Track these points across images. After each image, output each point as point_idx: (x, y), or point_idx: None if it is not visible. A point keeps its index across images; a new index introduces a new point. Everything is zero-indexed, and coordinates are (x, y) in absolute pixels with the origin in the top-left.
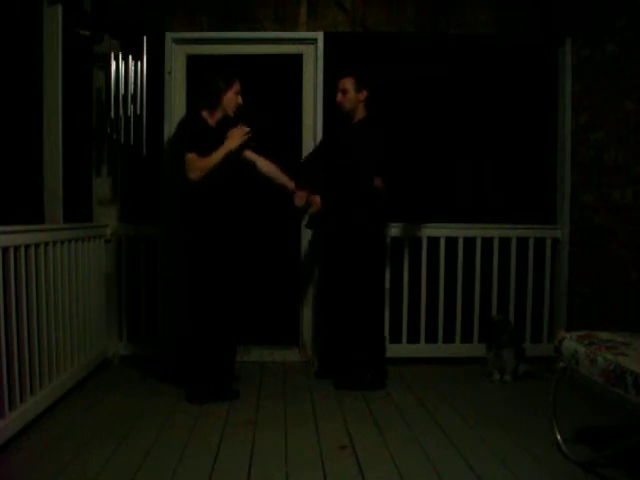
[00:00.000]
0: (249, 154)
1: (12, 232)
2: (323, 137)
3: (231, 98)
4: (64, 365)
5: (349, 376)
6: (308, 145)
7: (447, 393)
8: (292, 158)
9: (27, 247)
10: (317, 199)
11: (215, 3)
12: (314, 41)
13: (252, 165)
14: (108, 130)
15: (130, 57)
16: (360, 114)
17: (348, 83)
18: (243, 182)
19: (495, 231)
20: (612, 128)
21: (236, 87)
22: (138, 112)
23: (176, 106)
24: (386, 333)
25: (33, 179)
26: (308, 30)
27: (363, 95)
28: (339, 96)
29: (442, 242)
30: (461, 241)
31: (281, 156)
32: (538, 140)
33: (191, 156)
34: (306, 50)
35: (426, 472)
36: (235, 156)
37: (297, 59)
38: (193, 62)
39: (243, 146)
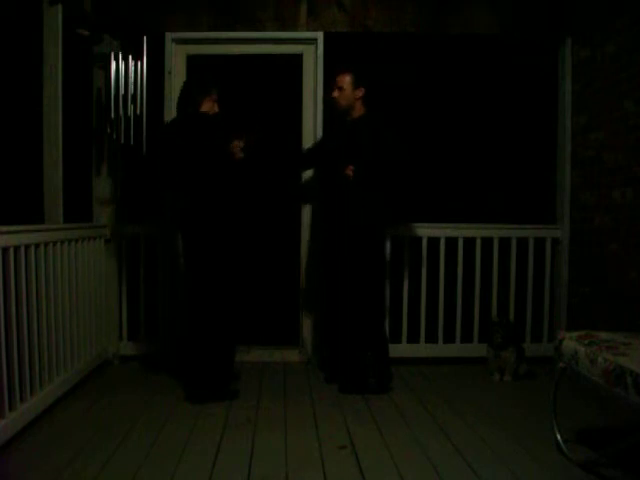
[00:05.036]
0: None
1: (12, 232)
2: (322, 134)
3: (209, 107)
4: (64, 365)
5: (353, 380)
6: (308, 144)
7: (447, 393)
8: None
9: (27, 247)
10: None
11: (215, 3)
12: (314, 41)
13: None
14: (108, 130)
15: (130, 57)
16: (358, 112)
17: (345, 80)
18: (243, 182)
19: (495, 231)
20: (612, 128)
21: (214, 97)
22: (138, 112)
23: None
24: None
25: (33, 179)
26: (308, 30)
27: (360, 92)
28: (335, 92)
29: (442, 242)
30: (461, 241)
31: (280, 156)
32: (538, 140)
33: None
34: (306, 50)
35: (426, 472)
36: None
37: (297, 59)
38: (193, 62)
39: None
